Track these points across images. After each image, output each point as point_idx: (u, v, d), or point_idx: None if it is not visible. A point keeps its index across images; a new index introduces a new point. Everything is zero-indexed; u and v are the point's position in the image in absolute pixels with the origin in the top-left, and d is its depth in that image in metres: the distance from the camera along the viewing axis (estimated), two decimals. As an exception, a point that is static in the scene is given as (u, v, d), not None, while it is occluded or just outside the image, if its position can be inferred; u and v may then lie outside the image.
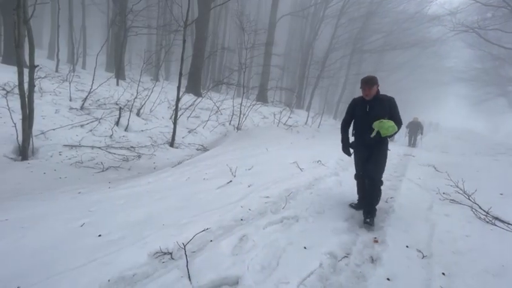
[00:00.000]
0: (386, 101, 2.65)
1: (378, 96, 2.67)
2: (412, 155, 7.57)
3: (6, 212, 2.32)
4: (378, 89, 2.68)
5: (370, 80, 2.62)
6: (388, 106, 2.64)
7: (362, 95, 2.72)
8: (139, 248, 1.87)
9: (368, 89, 2.62)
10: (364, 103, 2.72)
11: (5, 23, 6.79)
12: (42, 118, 4.88)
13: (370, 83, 2.60)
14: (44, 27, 18.52)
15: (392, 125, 2.51)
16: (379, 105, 2.65)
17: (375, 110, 2.65)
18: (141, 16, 9.67)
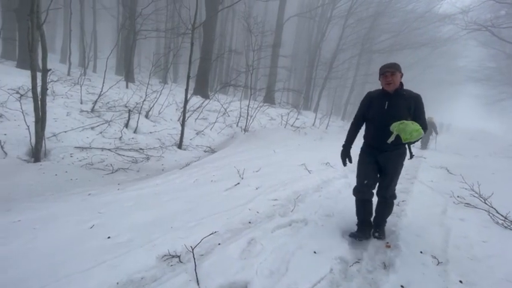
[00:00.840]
0: (411, 98, 2.11)
1: (401, 91, 2.14)
2: (424, 157, 7.39)
3: (19, 213, 2.36)
4: (401, 81, 2.16)
5: (393, 65, 2.11)
6: (414, 105, 2.11)
7: (381, 88, 2.23)
8: (148, 250, 1.86)
9: (391, 75, 2.08)
10: (382, 98, 2.18)
11: (20, 29, 7.00)
12: (54, 121, 4.98)
13: (394, 68, 2.09)
14: (57, 32, 19.04)
15: (418, 129, 1.95)
16: (402, 102, 2.09)
17: (396, 108, 2.09)
18: (150, 20, 9.82)
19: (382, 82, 2.16)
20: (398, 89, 2.14)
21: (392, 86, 2.11)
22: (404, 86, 2.18)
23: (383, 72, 2.13)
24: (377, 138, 2.19)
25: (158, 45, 18.66)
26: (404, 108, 2.09)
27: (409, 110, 2.09)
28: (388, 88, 2.14)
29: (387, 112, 2.12)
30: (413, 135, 1.95)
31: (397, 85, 2.12)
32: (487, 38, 16.96)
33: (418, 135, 1.95)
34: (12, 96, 4.96)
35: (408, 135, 1.95)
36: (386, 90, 2.17)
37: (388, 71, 2.10)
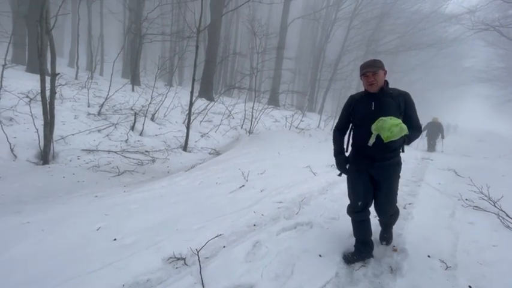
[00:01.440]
0: (399, 97, 1.86)
1: (387, 90, 1.89)
2: (430, 159, 7.29)
3: (29, 215, 2.40)
4: (385, 80, 1.91)
5: (374, 62, 1.85)
6: (403, 103, 1.86)
7: (363, 89, 1.96)
8: (153, 252, 1.88)
9: (372, 75, 1.83)
10: (368, 99, 1.90)
11: (30, 34, 7.16)
12: (62, 124, 5.07)
13: (374, 66, 1.83)
14: (65, 37, 19.43)
15: (398, 123, 1.67)
16: (390, 101, 1.84)
17: (385, 108, 1.82)
18: (156, 23, 9.95)
19: (364, 83, 1.88)
20: (383, 88, 1.88)
21: (376, 87, 1.85)
22: (408, 88, 2.16)
23: (363, 73, 1.86)
24: (366, 145, 1.84)
25: (163, 49, 18.88)
26: (393, 107, 1.83)
27: (399, 109, 1.83)
28: (371, 89, 1.87)
29: (375, 113, 1.81)
30: (393, 131, 1.64)
31: (381, 84, 1.86)
32: (495, 38, 16.71)
33: (399, 130, 1.65)
34: (22, 100, 5.07)
35: (388, 132, 1.65)
36: (370, 92, 1.90)
37: (369, 71, 1.83)
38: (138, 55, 9.78)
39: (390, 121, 1.68)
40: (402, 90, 1.92)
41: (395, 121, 1.68)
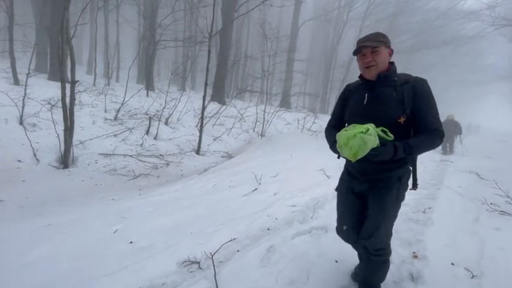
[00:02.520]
0: (407, 86, 1.32)
1: (390, 76, 1.36)
2: (450, 161, 7.00)
3: (50, 217, 2.48)
4: (391, 61, 1.40)
5: (375, 35, 1.35)
6: (412, 96, 1.30)
7: (360, 75, 1.46)
8: (168, 256, 1.89)
9: (371, 53, 1.33)
10: (361, 89, 1.43)
11: (51, 44, 7.52)
12: (81, 129, 5.26)
13: (374, 40, 1.33)
14: (84, 46, 20.25)
15: (357, 133, 1.17)
16: (390, 93, 1.32)
17: (380, 103, 1.33)
18: (169, 30, 10.18)
19: (359, 66, 1.39)
20: (385, 73, 1.34)
21: (374, 71, 1.33)
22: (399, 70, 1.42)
23: (359, 49, 1.35)
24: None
25: (176, 54, 19.31)
26: (392, 101, 1.30)
27: (401, 104, 1.28)
28: (368, 74, 1.35)
29: (367, 110, 1.34)
30: (353, 145, 1.16)
31: (384, 67, 1.34)
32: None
33: (361, 142, 1.14)
34: (44, 106, 5.30)
35: (347, 150, 1.19)
36: (366, 78, 1.40)
37: (365, 45, 1.31)
38: (152, 61, 10.03)
39: (346, 133, 1.19)
40: (415, 76, 1.35)
41: (354, 130, 1.18)
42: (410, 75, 1.36)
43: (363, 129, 1.17)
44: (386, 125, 1.26)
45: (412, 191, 1.49)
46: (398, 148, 1.22)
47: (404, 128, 1.31)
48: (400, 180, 1.38)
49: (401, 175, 1.38)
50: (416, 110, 1.30)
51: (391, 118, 1.29)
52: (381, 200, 1.39)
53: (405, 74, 1.38)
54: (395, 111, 1.29)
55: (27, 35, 7.70)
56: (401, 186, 1.39)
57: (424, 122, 1.29)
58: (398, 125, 1.30)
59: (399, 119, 1.29)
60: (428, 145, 1.27)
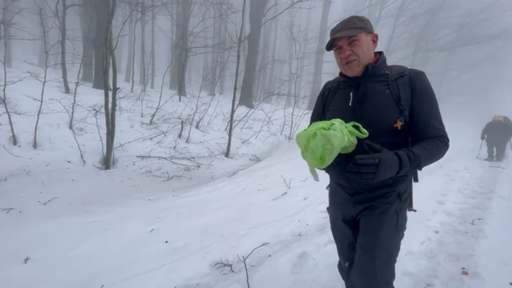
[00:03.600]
0: (401, 81, 1.05)
1: (379, 69, 1.08)
2: (502, 167, 6.30)
3: (95, 215, 2.69)
4: (377, 52, 1.13)
5: (350, 21, 1.06)
6: (408, 91, 1.03)
7: (339, 72, 1.18)
8: (202, 257, 1.93)
9: (348, 44, 1.05)
10: (345, 88, 1.15)
11: (96, 55, 8.23)
12: (120, 132, 5.65)
13: (350, 27, 1.05)
14: (122, 55, 21.88)
15: (316, 129, 0.90)
16: (380, 90, 1.05)
17: (369, 103, 1.05)
18: (200, 37, 10.58)
19: (338, 62, 1.12)
20: (373, 66, 1.06)
21: (357, 66, 1.05)
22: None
23: (332, 43, 1.07)
24: (340, 170, 1.06)
25: (206, 60, 20.00)
26: (387, 101, 1.02)
27: (397, 103, 1.01)
28: (351, 71, 1.08)
29: (352, 113, 1.06)
30: (314, 147, 0.89)
31: (368, 59, 1.07)
32: None
33: (324, 144, 0.87)
34: (90, 112, 5.80)
35: (310, 155, 0.91)
36: (347, 76, 1.12)
37: (340, 37, 1.03)
38: (184, 68, 10.50)
39: (304, 133, 0.92)
40: (410, 70, 1.07)
41: (314, 127, 0.90)
42: (404, 67, 1.08)
43: (325, 124, 0.90)
44: (379, 132, 0.99)
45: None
46: (402, 159, 0.91)
47: (401, 135, 1.02)
48: (400, 197, 1.06)
49: (401, 191, 1.06)
50: (416, 112, 1.01)
51: (385, 122, 1.00)
52: (378, 228, 1.04)
53: (398, 66, 1.10)
54: (390, 113, 1.00)
55: (76, 48, 8.51)
56: (401, 206, 1.06)
57: (427, 127, 1.01)
58: (395, 131, 1.00)
59: (395, 124, 0.99)
60: (435, 155, 0.99)
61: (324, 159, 0.88)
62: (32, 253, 1.90)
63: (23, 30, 5.28)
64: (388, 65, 1.11)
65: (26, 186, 3.42)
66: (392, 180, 1.05)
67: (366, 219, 1.09)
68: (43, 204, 3.00)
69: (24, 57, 12.57)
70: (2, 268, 1.72)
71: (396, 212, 1.05)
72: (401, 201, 1.06)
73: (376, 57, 1.11)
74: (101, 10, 7.42)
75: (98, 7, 7.62)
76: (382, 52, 1.13)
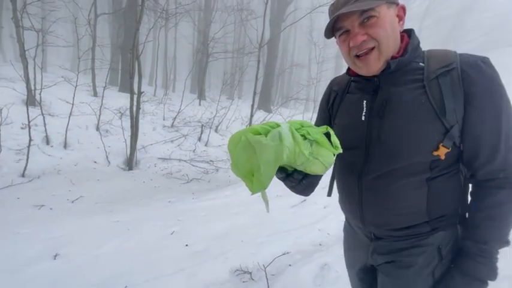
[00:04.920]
0: (451, 76, 0.62)
1: (411, 59, 0.67)
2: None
3: (118, 215, 2.78)
4: (405, 32, 0.71)
5: None
6: (460, 97, 0.61)
7: (347, 69, 0.78)
8: (222, 262, 1.92)
9: (359, 27, 0.63)
10: (357, 91, 0.76)
11: (122, 60, 8.63)
12: (143, 135, 5.85)
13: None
14: (146, 60, 22.85)
15: (266, 145, 0.52)
16: (414, 96, 0.64)
17: (393, 119, 0.66)
18: (220, 43, 10.80)
19: (343, 54, 0.71)
20: (397, 61, 0.65)
21: (375, 60, 0.65)
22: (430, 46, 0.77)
23: (335, 24, 0.68)
24: (351, 208, 0.79)
25: (226, 65, 20.37)
26: (419, 114, 0.63)
27: (441, 120, 0.62)
28: (365, 67, 0.68)
29: (366, 131, 0.71)
30: (235, 160, 0.59)
31: (393, 47, 0.66)
32: None
33: (249, 157, 0.56)
34: (116, 115, 6.07)
35: (232, 166, 0.61)
36: (360, 75, 0.73)
37: (347, 14, 0.63)
38: (204, 72, 10.74)
39: (232, 137, 0.59)
40: (461, 56, 0.64)
41: (248, 128, 0.58)
42: (451, 53, 0.65)
43: (269, 126, 0.58)
44: (409, 166, 0.65)
45: None
46: (479, 270, 0.63)
47: (446, 167, 0.67)
48: (440, 252, 0.69)
49: (441, 243, 0.69)
50: (474, 130, 0.62)
51: (420, 150, 0.64)
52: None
53: (440, 52, 0.67)
54: (428, 134, 0.63)
55: (104, 54, 8.98)
56: (441, 265, 0.69)
57: (489, 157, 0.62)
58: (435, 164, 0.65)
59: (436, 151, 0.63)
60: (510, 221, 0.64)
61: (261, 182, 0.55)
62: (61, 250, 1.98)
63: (58, 38, 5.66)
64: (423, 51, 0.70)
65: (57, 184, 3.62)
66: (430, 226, 0.69)
67: (386, 279, 0.75)
68: (71, 203, 3.15)
69: (59, 62, 13.47)
70: (33, 262, 1.81)
71: (433, 274, 0.69)
72: (442, 257, 0.69)
73: (404, 42, 0.69)
74: (128, 18, 7.80)
75: (126, 15, 8.02)
76: (413, 31, 0.71)
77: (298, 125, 0.59)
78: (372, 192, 0.71)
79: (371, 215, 0.73)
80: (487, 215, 0.63)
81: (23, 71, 4.55)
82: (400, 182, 0.67)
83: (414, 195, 0.67)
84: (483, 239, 0.63)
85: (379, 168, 0.68)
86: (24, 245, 2.01)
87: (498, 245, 0.63)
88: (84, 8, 6.66)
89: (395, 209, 0.69)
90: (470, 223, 0.67)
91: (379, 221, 0.73)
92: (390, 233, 0.73)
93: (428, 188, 0.66)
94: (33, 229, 2.29)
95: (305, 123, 0.61)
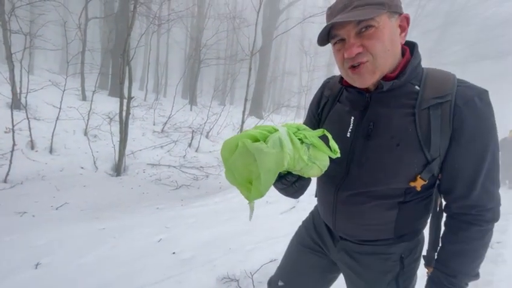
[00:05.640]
0: (444, 108, 0.60)
1: (407, 82, 0.64)
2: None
3: (104, 222, 2.72)
4: (407, 45, 0.67)
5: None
6: (448, 133, 0.60)
7: (340, 77, 0.75)
8: (209, 270, 1.91)
9: (355, 37, 0.60)
10: (347, 105, 0.75)
11: (113, 65, 8.55)
12: (132, 140, 5.77)
13: (360, 3, 0.58)
14: (137, 64, 22.67)
15: (268, 153, 0.52)
16: (402, 123, 0.63)
17: (378, 142, 0.66)
18: (213, 49, 10.87)
19: (337, 62, 0.68)
20: (392, 80, 0.63)
21: (369, 73, 0.62)
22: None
23: (330, 31, 0.65)
24: (326, 213, 0.82)
25: (218, 71, 20.46)
26: (405, 142, 0.63)
27: (423, 152, 0.62)
28: (359, 80, 0.65)
29: (351, 152, 0.70)
30: (230, 166, 0.59)
31: (391, 61, 0.63)
32: None
33: (248, 164, 0.56)
34: (105, 120, 5.97)
35: (227, 172, 0.61)
36: (352, 86, 0.70)
37: (343, 23, 0.60)
38: (196, 78, 10.76)
39: (227, 141, 0.60)
40: (460, 88, 0.61)
41: (247, 132, 0.58)
42: (449, 81, 0.62)
43: (266, 130, 0.58)
44: (385, 190, 0.67)
45: None
46: None
47: (420, 195, 0.69)
48: (403, 261, 0.73)
49: (404, 252, 0.73)
50: (455, 166, 0.62)
51: (398, 177, 0.65)
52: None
53: (440, 76, 0.64)
54: (408, 164, 0.63)
55: (95, 58, 8.89)
56: (402, 273, 0.73)
57: (466, 192, 0.63)
58: (410, 191, 0.67)
59: (413, 182, 0.64)
60: (483, 252, 0.65)
61: (259, 188, 0.54)
62: (43, 259, 1.92)
63: (47, 42, 5.57)
64: (423, 70, 0.66)
65: (40, 190, 3.51)
66: (394, 240, 0.73)
67: (350, 279, 0.81)
68: (55, 209, 3.06)
69: (46, 65, 13.21)
70: (14, 272, 1.75)
71: (396, 282, 0.73)
72: (404, 266, 0.73)
73: (404, 58, 0.65)
74: (120, 23, 7.77)
75: (118, 20, 7.99)
76: (416, 46, 0.67)
77: (294, 128, 0.61)
78: (346, 206, 0.74)
79: (342, 224, 0.78)
80: (458, 250, 0.66)
81: (8, 73, 4.45)
82: (374, 203, 0.70)
83: (385, 215, 0.70)
84: (453, 273, 0.66)
85: (356, 188, 0.71)
86: (4, 254, 1.94)
87: (467, 279, 0.66)
88: (75, 12, 6.60)
89: (365, 224, 0.73)
90: (443, 255, 0.70)
91: (349, 232, 0.78)
92: (356, 241, 0.79)
93: (399, 210, 0.69)
94: (14, 237, 2.21)
95: (301, 127, 0.62)
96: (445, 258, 0.69)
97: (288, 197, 0.74)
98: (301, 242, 0.95)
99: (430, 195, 0.72)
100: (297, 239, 0.98)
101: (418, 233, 0.75)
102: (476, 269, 0.67)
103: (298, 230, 1.01)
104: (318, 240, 0.89)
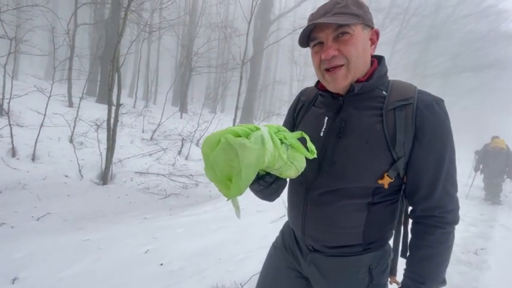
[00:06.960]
0: (407, 110, 0.67)
1: (375, 87, 0.72)
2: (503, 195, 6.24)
3: (89, 232, 2.62)
4: (376, 57, 0.76)
5: (338, 6, 0.66)
6: (411, 131, 0.66)
7: (316, 82, 0.81)
8: (197, 282, 1.86)
9: (333, 42, 0.67)
10: (321, 107, 0.81)
11: (102, 71, 8.43)
12: (120, 148, 5.65)
13: (338, 13, 0.66)
14: (127, 71, 22.45)
15: (250, 148, 0.53)
16: (370, 123, 0.69)
17: (349, 141, 0.70)
18: (204, 57, 10.93)
19: (314, 65, 0.74)
20: (362, 84, 0.70)
21: (343, 77, 0.69)
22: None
23: (310, 34, 0.71)
24: (295, 217, 0.83)
25: (209, 79, 20.52)
26: (373, 141, 0.68)
27: (390, 151, 0.66)
28: (333, 83, 0.71)
29: (323, 151, 0.73)
30: (211, 162, 0.59)
31: (362, 68, 0.71)
32: None
33: (229, 160, 0.56)
34: (92, 127, 5.83)
35: (206, 169, 0.62)
36: (327, 90, 0.77)
37: (323, 25, 0.67)
38: (187, 86, 10.74)
39: (208, 138, 0.61)
40: (420, 93, 0.69)
41: (227, 129, 0.59)
42: (412, 88, 0.70)
43: (247, 128, 0.58)
44: (354, 188, 0.69)
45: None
46: None
47: (387, 195, 0.71)
48: (371, 272, 0.74)
49: (372, 263, 0.74)
50: (418, 166, 0.67)
51: (366, 175, 0.68)
52: None
53: (403, 85, 0.72)
54: (376, 162, 0.67)
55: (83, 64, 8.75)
56: (372, 286, 0.74)
57: (428, 194, 0.67)
58: (378, 191, 0.70)
59: (381, 179, 0.67)
60: (447, 256, 0.69)
61: (238, 184, 0.54)
62: (21, 273, 1.82)
63: (34, 47, 5.45)
64: (389, 80, 0.74)
65: (21, 200, 3.36)
66: (362, 247, 0.74)
67: (323, 283, 0.78)
68: (36, 220, 2.93)
69: (31, 70, 12.89)
70: (-12, 288, 1.65)
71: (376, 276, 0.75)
72: (373, 278, 0.74)
73: (372, 67, 0.73)
74: (110, 29, 7.72)
75: (107, 26, 7.94)
76: (383, 58, 0.75)
77: (275, 129, 0.62)
78: (316, 206, 0.75)
79: (311, 227, 0.77)
80: (425, 255, 0.69)
81: (-9, 78, 4.31)
82: (344, 202, 0.71)
83: (354, 217, 0.72)
84: (421, 279, 0.69)
85: (327, 185, 0.72)
86: (-22, 269, 1.83)
87: (435, 285, 0.69)
88: (64, 18, 6.52)
89: (334, 226, 0.73)
90: (411, 261, 0.73)
91: (317, 236, 0.77)
92: (324, 250, 0.77)
93: (368, 212, 0.71)
94: (-10, 250, 2.09)
95: (281, 128, 0.64)
96: (412, 265, 0.72)
97: (263, 199, 0.77)
98: (272, 265, 0.93)
99: (396, 201, 0.75)
100: (269, 262, 0.95)
101: (385, 243, 0.77)
102: (443, 274, 0.70)
103: (269, 253, 0.98)
104: (289, 256, 0.88)
